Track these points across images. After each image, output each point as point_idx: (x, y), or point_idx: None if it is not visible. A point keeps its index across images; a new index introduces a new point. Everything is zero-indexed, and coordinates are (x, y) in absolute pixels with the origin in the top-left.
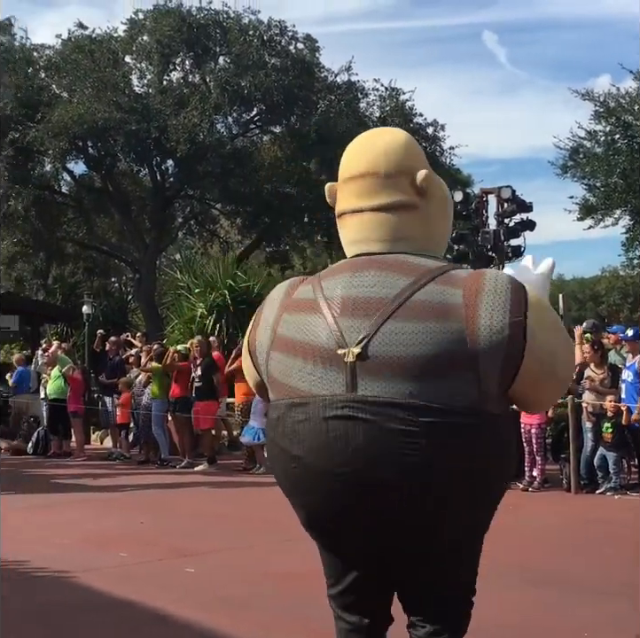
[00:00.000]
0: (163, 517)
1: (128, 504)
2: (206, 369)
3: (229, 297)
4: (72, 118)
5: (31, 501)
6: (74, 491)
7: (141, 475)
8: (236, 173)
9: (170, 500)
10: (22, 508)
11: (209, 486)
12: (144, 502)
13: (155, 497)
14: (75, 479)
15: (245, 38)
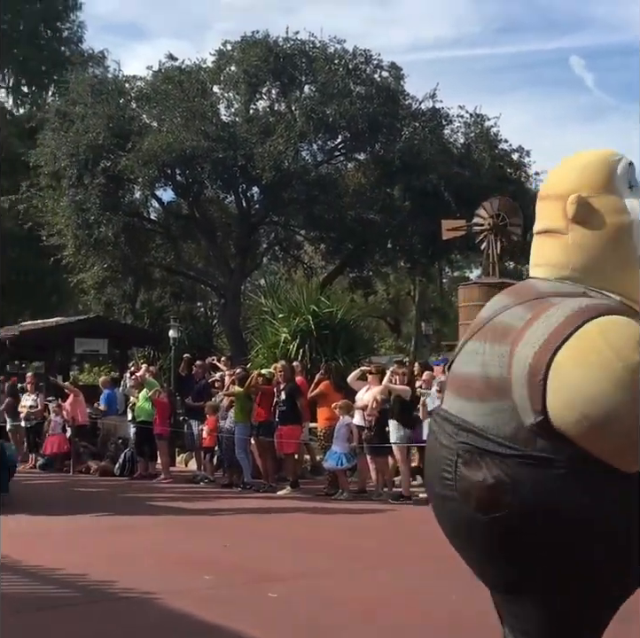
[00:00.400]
0: (246, 540)
1: (213, 527)
2: (289, 394)
3: (312, 322)
4: (161, 146)
5: (117, 521)
6: (160, 513)
7: (225, 498)
8: (320, 199)
9: (253, 524)
10: (109, 528)
11: (292, 511)
12: (227, 526)
13: (239, 521)
14: (161, 501)
15: (331, 67)
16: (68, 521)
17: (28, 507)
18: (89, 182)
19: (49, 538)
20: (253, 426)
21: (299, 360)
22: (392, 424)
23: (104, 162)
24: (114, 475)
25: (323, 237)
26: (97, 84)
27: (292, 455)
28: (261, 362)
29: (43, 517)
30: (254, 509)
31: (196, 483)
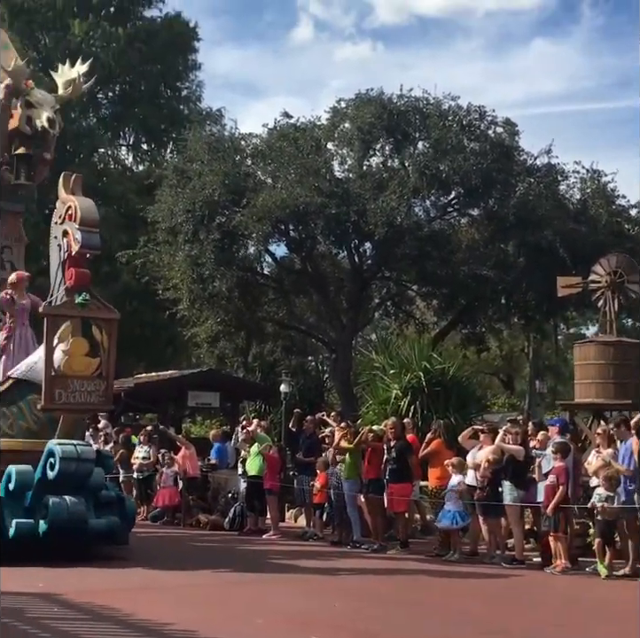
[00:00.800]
0: (355, 600)
1: (321, 586)
2: (400, 451)
3: (424, 378)
4: (275, 203)
5: (231, 577)
6: (272, 570)
7: (334, 556)
8: (433, 255)
9: (363, 584)
10: (222, 584)
11: (402, 572)
12: (336, 585)
13: (348, 580)
14: (273, 558)
15: (445, 123)
16: (183, 576)
17: (145, 560)
18: (205, 237)
19: (163, 592)
20: (362, 483)
21: (410, 417)
22: (505, 485)
23: (219, 218)
24: (224, 529)
25: (435, 293)
26: (213, 142)
27: (403, 514)
28: (371, 418)
29: (160, 572)
30: (364, 568)
31: (305, 540)
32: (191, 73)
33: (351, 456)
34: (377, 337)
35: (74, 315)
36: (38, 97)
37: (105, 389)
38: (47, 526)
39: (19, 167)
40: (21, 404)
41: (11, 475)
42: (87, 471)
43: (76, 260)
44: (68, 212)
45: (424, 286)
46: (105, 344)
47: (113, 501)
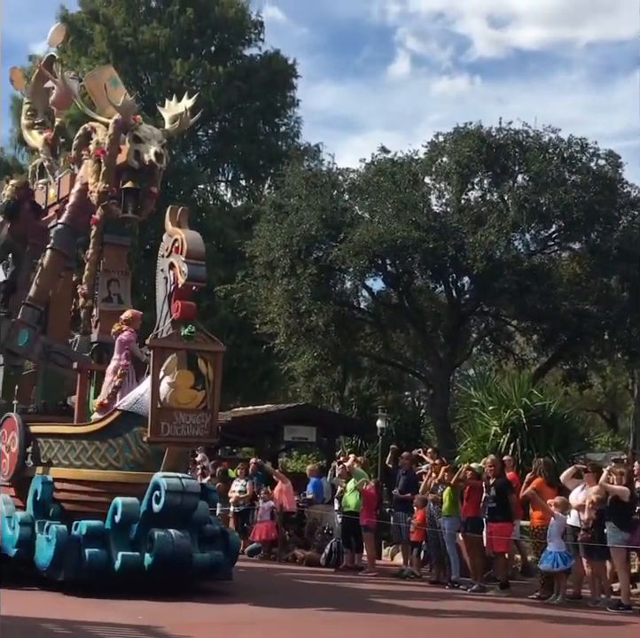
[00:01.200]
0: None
1: (421, 627)
2: (500, 490)
3: (524, 415)
4: (372, 237)
5: (330, 615)
6: (364, 607)
7: (434, 596)
8: (533, 289)
9: (459, 627)
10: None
11: (502, 616)
12: (432, 627)
13: (445, 622)
14: (371, 596)
15: (545, 156)
16: (285, 612)
17: (246, 595)
18: (302, 271)
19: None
20: (461, 521)
21: (509, 454)
22: (609, 527)
23: (316, 252)
24: (320, 565)
25: (535, 328)
26: (311, 177)
27: (503, 554)
28: (469, 455)
29: (261, 608)
30: (465, 610)
31: (402, 578)
32: (289, 110)
33: (450, 494)
34: (475, 372)
35: (180, 347)
36: (146, 132)
37: (209, 422)
38: (152, 560)
39: (127, 200)
40: (127, 436)
41: (118, 507)
42: (192, 505)
43: (182, 293)
44: (175, 244)
45: (523, 321)
46: (210, 376)
47: (217, 535)
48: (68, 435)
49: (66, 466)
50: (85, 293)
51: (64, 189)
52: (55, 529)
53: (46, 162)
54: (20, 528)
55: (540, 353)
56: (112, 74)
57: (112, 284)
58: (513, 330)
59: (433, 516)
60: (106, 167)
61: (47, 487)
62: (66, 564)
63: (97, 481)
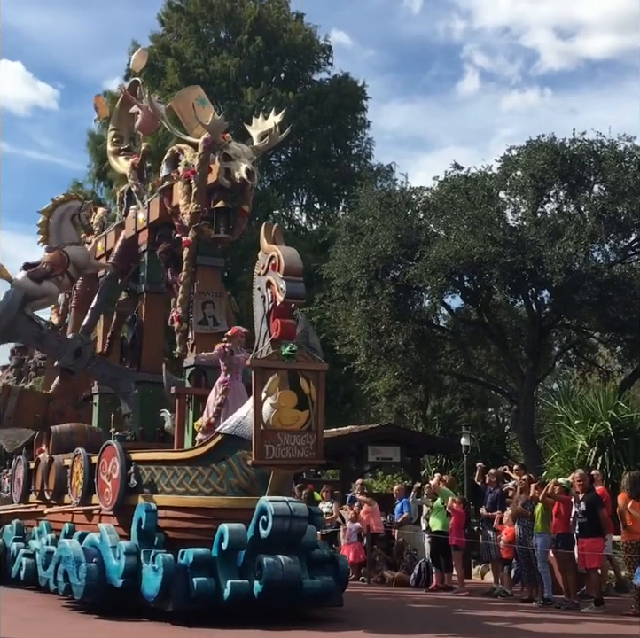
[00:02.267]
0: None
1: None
2: (590, 504)
3: (611, 428)
4: (448, 254)
5: None
6: (456, 630)
7: (523, 616)
8: (614, 300)
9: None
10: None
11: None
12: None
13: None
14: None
15: (621, 165)
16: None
17: (359, 621)
18: (379, 292)
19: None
20: (552, 538)
21: (598, 468)
22: None
23: (393, 272)
24: (409, 585)
25: (619, 339)
26: (385, 197)
27: (596, 570)
28: (557, 471)
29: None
30: (555, 634)
31: (493, 597)
32: (360, 132)
33: (542, 510)
34: (559, 386)
35: (281, 367)
36: (236, 150)
37: (315, 443)
38: (262, 587)
39: (219, 220)
40: (231, 460)
41: (224, 534)
42: (300, 529)
43: (282, 311)
44: (271, 262)
45: (606, 332)
46: (313, 396)
47: (327, 559)
48: (170, 461)
49: (169, 493)
50: (180, 316)
51: (153, 213)
52: (162, 558)
53: (134, 187)
54: (126, 558)
55: (625, 364)
56: (199, 94)
57: (206, 307)
58: (596, 342)
59: (525, 533)
60: (197, 188)
61: (151, 515)
62: (174, 594)
63: (201, 508)
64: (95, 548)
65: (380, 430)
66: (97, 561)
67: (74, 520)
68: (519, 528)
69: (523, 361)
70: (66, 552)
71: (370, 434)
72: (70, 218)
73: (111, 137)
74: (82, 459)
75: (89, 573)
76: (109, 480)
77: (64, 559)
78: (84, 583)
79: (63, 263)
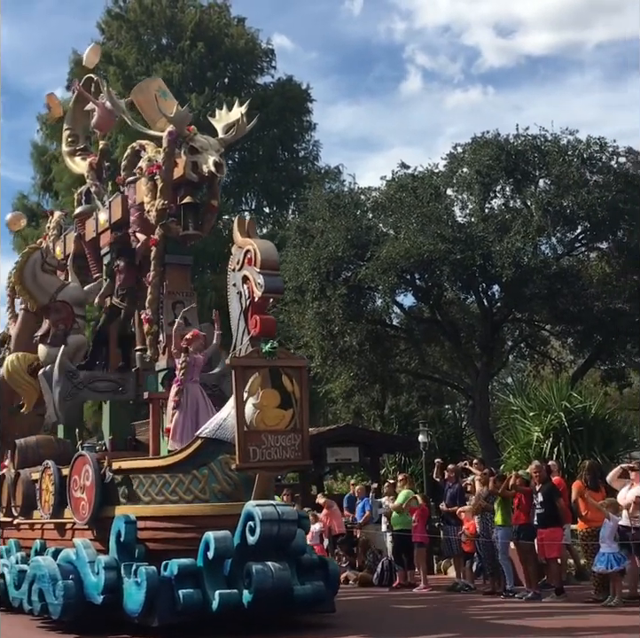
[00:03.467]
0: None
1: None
2: (546, 495)
3: (565, 419)
4: (399, 253)
5: None
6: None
7: (487, 607)
8: (564, 292)
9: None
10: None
11: (560, 621)
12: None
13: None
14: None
15: (565, 158)
16: None
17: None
18: (332, 293)
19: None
20: (512, 530)
21: (554, 459)
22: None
23: (344, 273)
24: (373, 585)
25: (569, 331)
26: (334, 199)
27: (555, 560)
28: (514, 463)
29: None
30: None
31: (456, 591)
32: (306, 134)
33: (501, 503)
34: (513, 380)
35: (262, 365)
36: (202, 142)
37: (300, 443)
38: (252, 596)
39: (187, 217)
40: (212, 465)
41: (210, 542)
42: (290, 534)
43: (259, 307)
44: (247, 256)
45: (557, 325)
46: (296, 394)
47: (316, 564)
48: (147, 469)
49: (148, 503)
50: (150, 318)
51: (115, 213)
52: (144, 571)
53: (93, 188)
54: (105, 573)
55: (576, 355)
56: (160, 86)
57: (177, 307)
58: (548, 334)
59: (486, 526)
60: (163, 183)
61: (131, 527)
62: (160, 608)
63: (184, 516)
64: (71, 565)
65: (338, 431)
66: (73, 578)
67: (44, 536)
68: (481, 522)
69: (477, 357)
70: (40, 570)
71: (328, 436)
72: (40, 269)
73: (66, 137)
74: (52, 472)
75: (67, 591)
76: (83, 493)
77: (38, 577)
78: (62, 602)
79: (68, 312)
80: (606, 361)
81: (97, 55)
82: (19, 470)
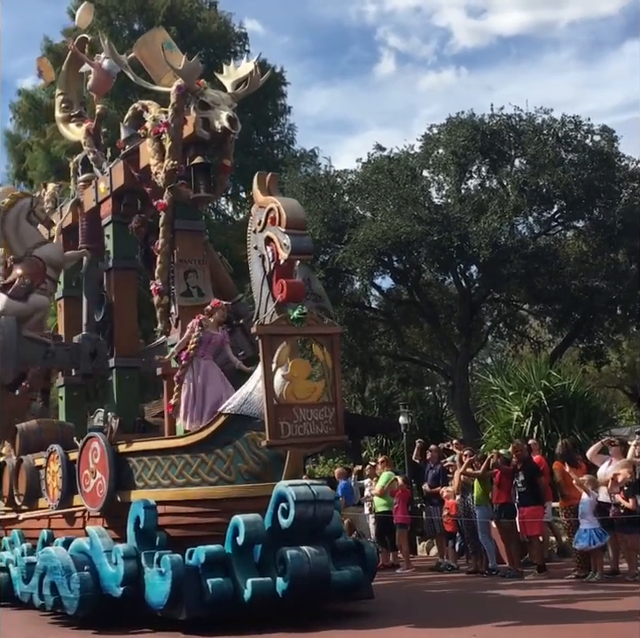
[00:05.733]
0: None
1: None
2: (527, 473)
3: (545, 398)
4: (376, 235)
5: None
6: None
7: (469, 586)
8: (541, 272)
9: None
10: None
11: (544, 598)
12: (475, 616)
13: (490, 609)
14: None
15: (540, 138)
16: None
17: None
18: None
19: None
20: (494, 509)
21: (534, 437)
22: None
23: (322, 257)
24: None
25: (547, 310)
26: (310, 182)
27: (537, 538)
28: (494, 443)
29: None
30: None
31: (439, 571)
32: (281, 118)
33: (480, 483)
34: (492, 360)
35: (291, 333)
36: (214, 97)
37: (334, 416)
38: (287, 584)
39: (198, 178)
40: (238, 443)
41: (239, 527)
42: (327, 515)
43: (286, 270)
44: (270, 215)
45: (535, 304)
46: (328, 363)
47: (352, 548)
48: (166, 450)
49: (167, 486)
50: (159, 289)
51: (117, 179)
52: (169, 560)
53: (91, 155)
54: (125, 563)
55: (555, 334)
56: (165, 37)
57: (189, 276)
58: (526, 314)
59: (468, 506)
60: (172, 142)
61: (151, 513)
62: (187, 600)
63: (207, 500)
64: (85, 555)
65: None
66: (89, 569)
67: (51, 526)
68: (461, 501)
69: (456, 338)
70: (51, 561)
71: None
72: (25, 218)
73: (59, 103)
74: (59, 457)
75: (83, 583)
76: (95, 477)
77: (50, 570)
78: (78, 595)
79: (40, 269)
80: (584, 339)
81: (91, 14)
82: (22, 457)
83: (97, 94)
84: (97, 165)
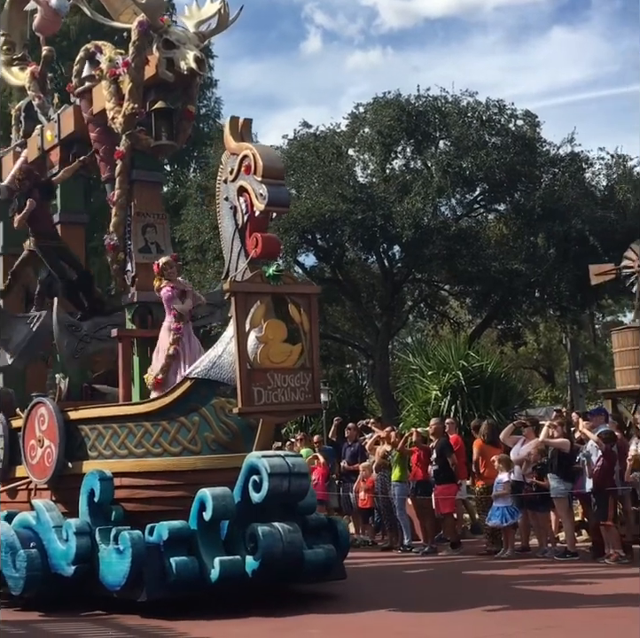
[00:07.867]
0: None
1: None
2: (440, 452)
3: (462, 377)
4: (300, 213)
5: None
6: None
7: (384, 562)
8: (462, 253)
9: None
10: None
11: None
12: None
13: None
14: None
15: (465, 120)
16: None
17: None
18: None
19: None
20: (411, 486)
21: (451, 416)
22: (551, 478)
23: None
24: None
25: (467, 291)
26: None
27: (450, 515)
28: (412, 421)
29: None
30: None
31: (355, 547)
32: (207, 91)
33: (398, 460)
34: (412, 339)
35: (267, 291)
36: (179, 35)
37: (310, 383)
38: (258, 563)
39: (159, 125)
40: (204, 411)
41: (206, 501)
42: (302, 490)
43: (260, 223)
44: (244, 163)
45: (456, 285)
46: (305, 326)
47: (324, 525)
48: (123, 417)
49: (124, 456)
50: (114, 245)
51: (66, 126)
52: (128, 537)
53: (36, 100)
54: (77, 539)
55: (474, 315)
56: None
57: (147, 231)
58: (447, 294)
59: (385, 483)
60: (133, 84)
61: (107, 485)
62: (148, 580)
63: (170, 471)
64: (31, 531)
65: None
66: (36, 546)
67: None
68: (379, 478)
69: (377, 317)
70: None
71: None
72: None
73: (0, 45)
74: (0, 424)
75: (30, 562)
76: (41, 447)
77: None
78: (24, 574)
79: None
80: (503, 320)
81: None
82: None
83: (43, 34)
84: (42, 111)
